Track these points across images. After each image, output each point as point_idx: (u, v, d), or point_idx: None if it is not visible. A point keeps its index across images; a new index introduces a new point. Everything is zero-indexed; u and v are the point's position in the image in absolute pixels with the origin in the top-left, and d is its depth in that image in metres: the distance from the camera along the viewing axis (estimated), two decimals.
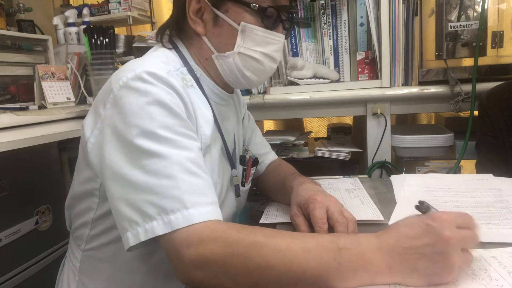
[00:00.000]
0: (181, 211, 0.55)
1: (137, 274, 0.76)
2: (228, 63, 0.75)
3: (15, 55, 1.43)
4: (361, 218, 0.75)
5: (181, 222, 0.55)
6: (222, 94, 0.82)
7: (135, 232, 0.57)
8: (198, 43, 0.77)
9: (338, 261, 0.51)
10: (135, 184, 0.58)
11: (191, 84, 0.75)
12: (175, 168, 0.58)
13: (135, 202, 0.57)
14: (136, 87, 0.62)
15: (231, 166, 0.84)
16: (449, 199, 0.85)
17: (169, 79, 0.64)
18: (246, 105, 1.05)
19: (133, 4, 1.85)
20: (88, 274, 0.78)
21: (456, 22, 1.24)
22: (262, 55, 0.75)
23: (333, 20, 1.45)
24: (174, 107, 0.62)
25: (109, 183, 0.61)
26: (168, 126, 0.60)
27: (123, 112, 0.61)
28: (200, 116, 0.73)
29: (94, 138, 0.67)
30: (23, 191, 1.29)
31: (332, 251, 0.52)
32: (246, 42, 0.73)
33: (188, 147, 0.62)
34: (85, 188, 0.73)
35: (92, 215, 0.74)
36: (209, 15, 0.74)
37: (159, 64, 0.68)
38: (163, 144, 0.59)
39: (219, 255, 0.53)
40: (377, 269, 0.51)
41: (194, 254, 0.53)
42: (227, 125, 0.84)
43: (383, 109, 1.36)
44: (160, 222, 0.55)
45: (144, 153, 0.58)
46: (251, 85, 0.80)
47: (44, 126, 1.20)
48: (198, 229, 0.55)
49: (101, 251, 0.76)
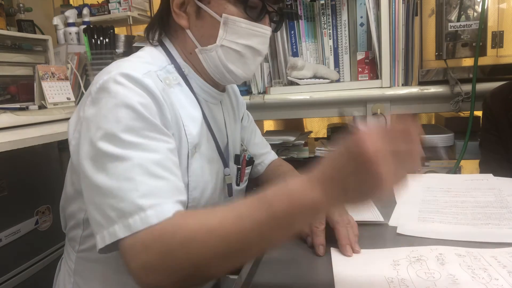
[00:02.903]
0: (139, 213, 0.55)
1: (130, 275, 0.76)
2: (211, 57, 0.74)
3: (15, 55, 1.43)
4: (361, 220, 0.75)
5: (139, 225, 0.54)
6: (212, 92, 0.80)
7: (101, 235, 0.57)
8: (182, 37, 0.76)
9: (271, 213, 0.50)
10: (99, 188, 0.58)
11: (177, 83, 0.73)
12: (136, 171, 0.57)
13: (100, 206, 0.58)
14: (108, 89, 0.61)
15: (224, 165, 0.84)
16: (449, 199, 0.85)
17: (143, 80, 0.63)
18: (245, 105, 1.04)
19: (133, 4, 1.85)
20: (83, 276, 0.78)
21: (456, 22, 1.24)
22: (246, 47, 0.73)
23: (333, 20, 1.45)
24: (142, 109, 0.61)
25: (82, 186, 0.62)
26: (134, 129, 0.60)
27: (96, 115, 0.61)
28: (185, 115, 0.71)
29: (74, 140, 0.68)
30: (23, 191, 1.29)
31: (263, 207, 0.51)
32: (229, 34, 0.71)
33: (154, 149, 0.61)
34: (75, 188, 0.73)
35: (83, 216, 0.74)
36: (192, 8, 0.72)
37: (138, 65, 0.67)
38: (126, 147, 0.58)
39: (160, 255, 0.53)
40: (311, 202, 0.49)
41: (139, 261, 0.53)
42: (219, 123, 0.84)
43: (383, 109, 1.36)
44: (121, 225, 0.55)
45: (108, 156, 0.58)
46: (237, 80, 0.78)
47: (44, 126, 1.20)
48: (141, 234, 0.54)
49: (94, 252, 0.75)
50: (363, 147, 0.45)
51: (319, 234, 0.68)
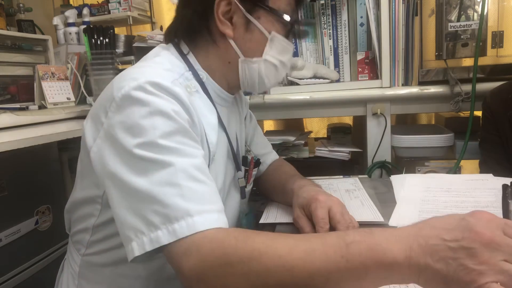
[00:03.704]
0: (185, 219, 0.54)
1: (137, 279, 0.75)
2: (251, 68, 0.76)
3: (15, 55, 1.43)
4: (361, 220, 0.75)
5: (185, 231, 0.54)
6: (225, 96, 0.81)
7: (140, 242, 0.55)
8: (222, 45, 0.75)
9: (346, 258, 0.46)
10: (138, 192, 0.57)
11: (196, 90, 0.74)
12: (179, 176, 0.57)
13: (140, 211, 0.56)
14: (139, 98, 0.60)
15: (237, 168, 0.84)
16: (449, 199, 0.85)
17: (173, 89, 0.63)
18: (248, 104, 1.04)
19: (133, 4, 1.85)
20: (88, 279, 0.78)
21: (456, 22, 1.24)
22: (281, 63, 0.78)
23: (333, 20, 1.45)
24: (177, 117, 0.61)
25: (112, 192, 0.60)
26: (171, 136, 0.60)
27: (125, 122, 0.60)
28: (206, 124, 0.72)
29: (96, 147, 0.66)
30: (23, 191, 1.29)
31: (339, 248, 0.47)
32: (272, 50, 0.75)
33: (192, 154, 0.61)
34: (88, 194, 0.72)
35: (94, 222, 0.73)
36: (241, 20, 0.73)
37: (163, 73, 0.67)
38: (166, 153, 0.58)
39: (218, 267, 0.51)
40: (393, 260, 0.44)
41: (193, 267, 0.52)
42: (231, 126, 0.84)
43: (383, 109, 1.36)
44: (165, 231, 0.54)
45: (147, 162, 0.58)
46: (260, 90, 0.81)
47: (44, 126, 1.20)
48: (197, 241, 0.53)
49: (101, 256, 0.75)
50: (474, 231, 0.41)
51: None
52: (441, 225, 0.45)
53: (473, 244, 0.41)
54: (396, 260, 0.44)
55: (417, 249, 0.44)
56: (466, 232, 0.42)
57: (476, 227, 0.42)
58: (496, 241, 0.41)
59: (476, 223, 0.42)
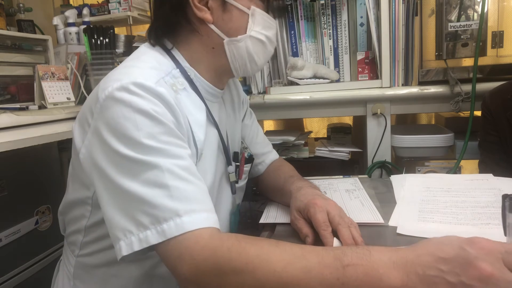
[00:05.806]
0: (174, 219, 0.55)
1: (130, 280, 0.76)
2: (239, 48, 0.75)
3: (15, 55, 1.43)
4: (361, 221, 0.75)
5: (174, 231, 0.55)
6: (214, 92, 0.81)
7: (128, 241, 0.56)
8: (205, 32, 0.75)
9: (342, 281, 0.46)
10: (127, 193, 0.57)
11: (183, 88, 0.74)
12: (167, 176, 0.57)
13: (129, 212, 0.57)
14: (122, 99, 0.61)
15: (227, 163, 0.84)
16: (449, 199, 0.85)
17: (157, 90, 0.63)
18: (248, 102, 1.04)
19: (133, 4, 1.85)
20: (82, 280, 0.78)
21: (456, 22, 1.24)
22: (267, 38, 0.78)
23: (333, 20, 1.45)
24: (161, 117, 0.61)
25: (101, 192, 0.61)
26: (154, 136, 0.60)
27: (109, 123, 0.61)
28: (193, 122, 0.72)
29: (84, 148, 0.67)
30: (23, 191, 1.29)
31: (335, 270, 0.47)
32: (256, 25, 0.75)
33: (178, 154, 0.61)
34: (78, 195, 0.73)
35: (85, 223, 0.74)
36: (216, 3, 0.73)
37: (148, 72, 0.67)
38: (152, 154, 0.58)
39: (212, 276, 0.52)
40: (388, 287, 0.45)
41: (188, 273, 0.53)
42: (222, 122, 0.84)
43: (383, 109, 1.36)
44: (154, 231, 0.55)
45: (134, 163, 0.58)
46: (253, 70, 0.80)
47: (44, 126, 1.20)
48: (189, 247, 0.54)
49: (95, 257, 0.76)
50: (474, 266, 0.41)
51: (328, 236, 0.67)
52: (440, 253, 0.45)
53: (473, 282, 0.41)
54: (391, 287, 0.44)
55: (415, 279, 0.44)
56: (466, 265, 0.42)
57: (477, 260, 0.42)
58: (496, 277, 0.41)
59: (476, 255, 0.42)
